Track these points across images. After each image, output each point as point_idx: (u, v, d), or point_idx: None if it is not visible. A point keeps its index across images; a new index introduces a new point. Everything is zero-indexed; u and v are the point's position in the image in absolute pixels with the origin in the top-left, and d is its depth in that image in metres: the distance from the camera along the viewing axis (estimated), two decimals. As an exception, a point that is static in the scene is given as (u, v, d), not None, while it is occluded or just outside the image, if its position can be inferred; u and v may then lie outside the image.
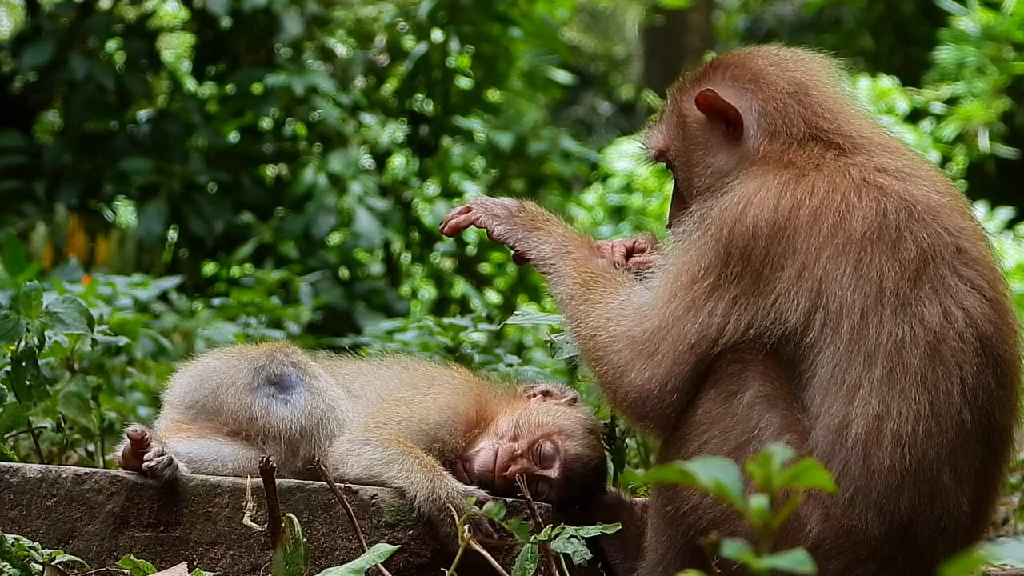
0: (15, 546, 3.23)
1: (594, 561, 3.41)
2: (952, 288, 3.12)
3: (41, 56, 11.23)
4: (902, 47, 22.34)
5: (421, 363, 3.89)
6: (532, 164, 12.63)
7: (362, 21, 12.58)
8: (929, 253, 3.13)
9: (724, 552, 1.93)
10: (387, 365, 3.83)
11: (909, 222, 3.16)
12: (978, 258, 3.19)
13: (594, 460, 3.64)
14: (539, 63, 13.33)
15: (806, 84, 3.43)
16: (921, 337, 3.08)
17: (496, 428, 3.62)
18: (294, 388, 3.58)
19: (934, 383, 3.07)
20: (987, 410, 3.11)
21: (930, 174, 3.31)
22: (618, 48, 29.86)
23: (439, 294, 12.45)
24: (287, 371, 3.60)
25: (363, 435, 3.49)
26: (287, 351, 3.67)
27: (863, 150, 3.29)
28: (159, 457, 3.40)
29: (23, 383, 3.98)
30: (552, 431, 3.61)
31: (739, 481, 1.98)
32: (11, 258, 6.70)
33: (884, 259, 3.12)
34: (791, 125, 3.36)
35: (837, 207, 3.16)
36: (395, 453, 3.43)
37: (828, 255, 3.13)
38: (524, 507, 3.37)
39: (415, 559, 3.36)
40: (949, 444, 3.08)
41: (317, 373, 3.65)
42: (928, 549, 3.08)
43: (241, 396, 3.56)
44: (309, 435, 3.53)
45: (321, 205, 11.31)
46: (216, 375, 3.62)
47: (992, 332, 3.13)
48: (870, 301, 3.10)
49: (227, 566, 3.38)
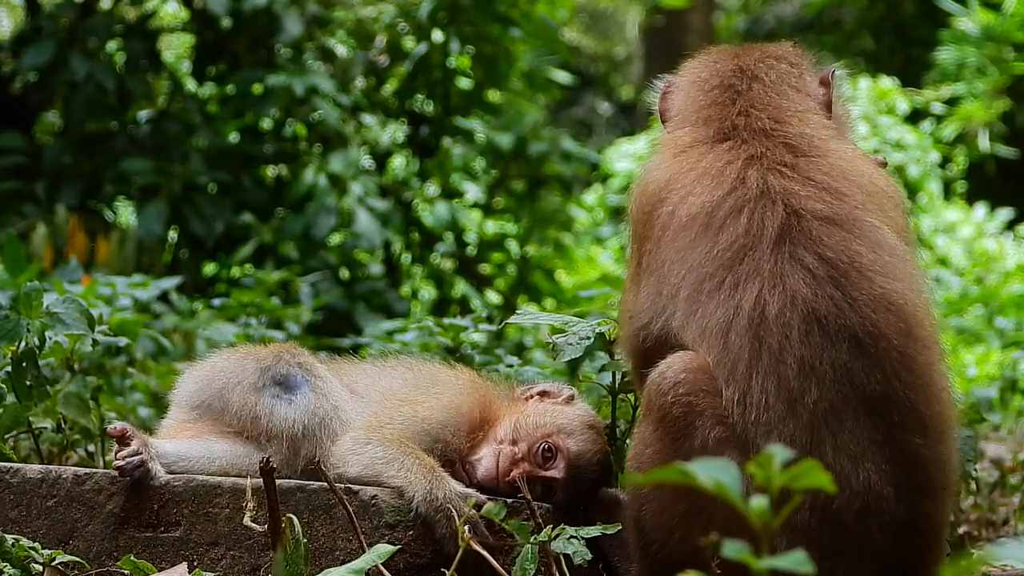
0: (15, 546, 3.23)
1: (594, 561, 3.41)
2: (778, 272, 3.16)
3: (41, 56, 11.23)
4: (902, 48, 22.34)
5: (425, 363, 3.89)
6: (532, 165, 12.63)
7: (362, 21, 12.58)
8: (754, 239, 3.18)
9: (724, 552, 1.93)
10: (391, 366, 3.83)
11: (746, 208, 3.22)
12: (832, 245, 3.20)
13: (597, 455, 3.64)
14: (539, 64, 13.34)
15: (718, 78, 3.59)
16: (742, 321, 3.12)
17: (496, 433, 3.62)
18: (299, 388, 3.59)
19: (765, 366, 3.10)
20: (848, 382, 3.11)
21: (841, 182, 3.31)
22: (618, 49, 29.86)
23: (439, 294, 12.45)
24: (293, 371, 3.61)
25: (365, 434, 3.50)
26: (294, 352, 3.68)
27: (757, 142, 3.34)
28: (131, 457, 3.41)
29: (23, 383, 3.98)
30: (551, 431, 3.60)
31: (739, 481, 1.98)
32: (11, 258, 6.70)
33: (704, 244, 3.21)
34: (689, 113, 3.56)
35: (682, 190, 3.29)
36: (396, 453, 3.43)
37: (665, 238, 3.28)
38: (524, 508, 3.37)
39: (415, 559, 3.36)
40: (808, 423, 3.08)
41: (322, 374, 3.66)
42: (858, 527, 3.07)
43: (246, 395, 3.57)
44: (312, 435, 3.53)
45: (321, 206, 11.31)
46: (223, 375, 3.63)
47: (832, 310, 3.14)
48: (692, 286, 3.19)
49: (227, 567, 3.38)
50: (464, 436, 3.61)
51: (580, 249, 17.28)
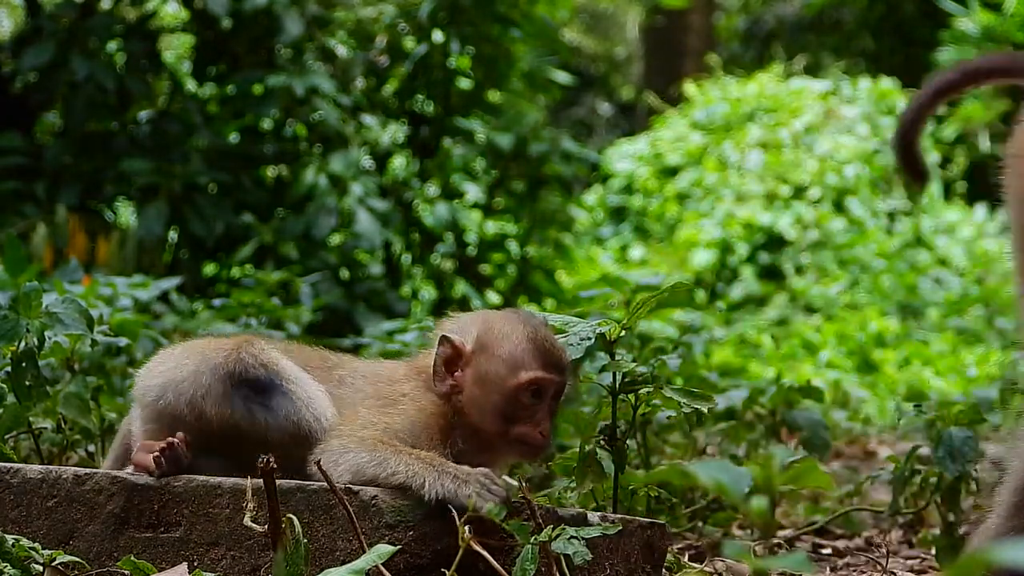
0: (15, 547, 3.23)
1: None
2: None
3: (42, 57, 11.24)
4: (903, 48, 22.36)
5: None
6: (532, 165, 12.64)
7: (362, 22, 12.59)
8: None
9: (724, 552, 1.93)
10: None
11: None
12: None
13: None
14: (540, 64, 13.34)
15: None
16: None
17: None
18: (271, 393, 3.42)
19: None
20: None
21: None
22: (618, 49, 29.87)
23: (439, 295, 12.46)
24: (259, 373, 3.42)
25: (346, 441, 3.39)
26: (252, 351, 3.45)
27: None
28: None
29: (23, 384, 3.98)
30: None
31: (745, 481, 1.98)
32: (11, 259, 6.69)
33: None
34: None
35: None
36: (385, 454, 3.35)
37: None
38: (525, 508, 3.37)
39: (415, 560, 3.35)
40: None
41: (290, 373, 3.47)
42: None
43: (220, 407, 3.44)
44: (299, 443, 3.43)
45: (321, 206, 11.32)
46: (187, 385, 3.42)
47: None
48: None
49: (227, 567, 3.38)
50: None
51: (580, 249, 17.29)
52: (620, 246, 18.88)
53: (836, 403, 10.95)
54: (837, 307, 16.44)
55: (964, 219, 18.44)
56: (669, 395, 3.82)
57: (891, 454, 6.32)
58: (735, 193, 18.11)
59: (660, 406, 3.96)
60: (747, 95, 19.52)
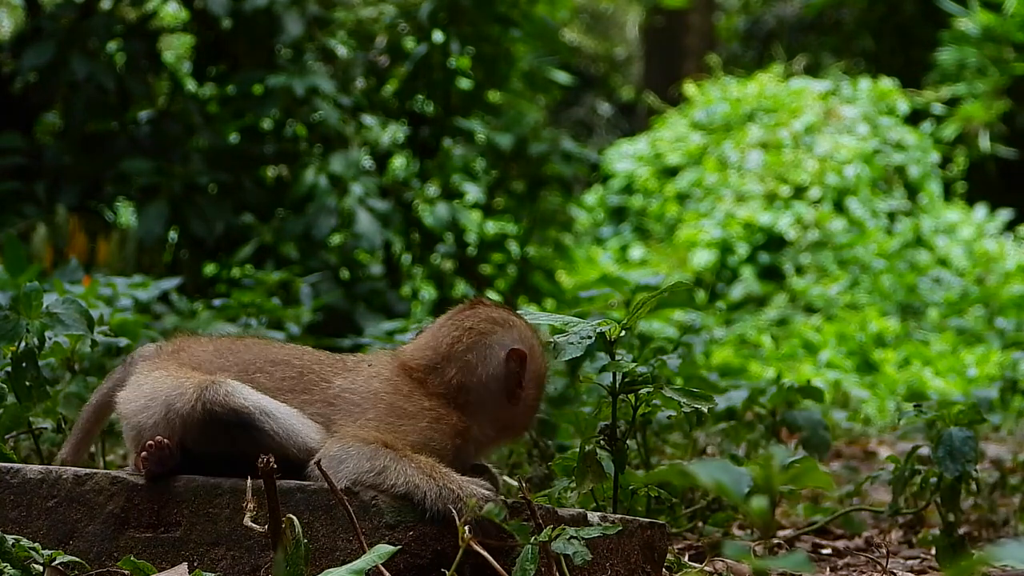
0: (15, 547, 3.23)
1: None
2: None
3: (42, 57, 11.23)
4: (903, 48, 22.35)
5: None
6: (533, 165, 12.64)
7: (363, 22, 12.59)
8: None
9: (724, 552, 1.93)
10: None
11: None
12: None
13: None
14: (540, 64, 13.35)
15: None
16: None
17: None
18: (250, 426, 3.36)
19: None
20: None
21: None
22: (619, 49, 29.88)
23: (440, 295, 12.46)
24: (228, 416, 3.36)
25: (343, 449, 3.39)
26: (214, 396, 3.36)
27: None
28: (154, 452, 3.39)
29: (23, 384, 3.98)
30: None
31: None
32: (12, 259, 6.70)
33: None
34: None
35: None
36: (385, 461, 3.34)
37: None
38: (524, 508, 3.37)
39: (415, 560, 3.35)
40: None
41: (264, 407, 3.39)
42: None
43: (199, 445, 3.39)
44: (289, 469, 3.40)
45: (322, 206, 11.31)
46: (161, 428, 3.39)
47: None
48: None
49: (227, 567, 3.38)
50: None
51: (580, 249, 17.30)
52: (620, 246, 18.89)
53: (836, 403, 10.96)
54: (837, 307, 16.45)
55: (964, 219, 18.44)
56: (669, 395, 3.82)
57: (891, 454, 6.32)
58: (735, 193, 18.12)
59: (660, 406, 3.96)
60: (747, 95, 19.52)
